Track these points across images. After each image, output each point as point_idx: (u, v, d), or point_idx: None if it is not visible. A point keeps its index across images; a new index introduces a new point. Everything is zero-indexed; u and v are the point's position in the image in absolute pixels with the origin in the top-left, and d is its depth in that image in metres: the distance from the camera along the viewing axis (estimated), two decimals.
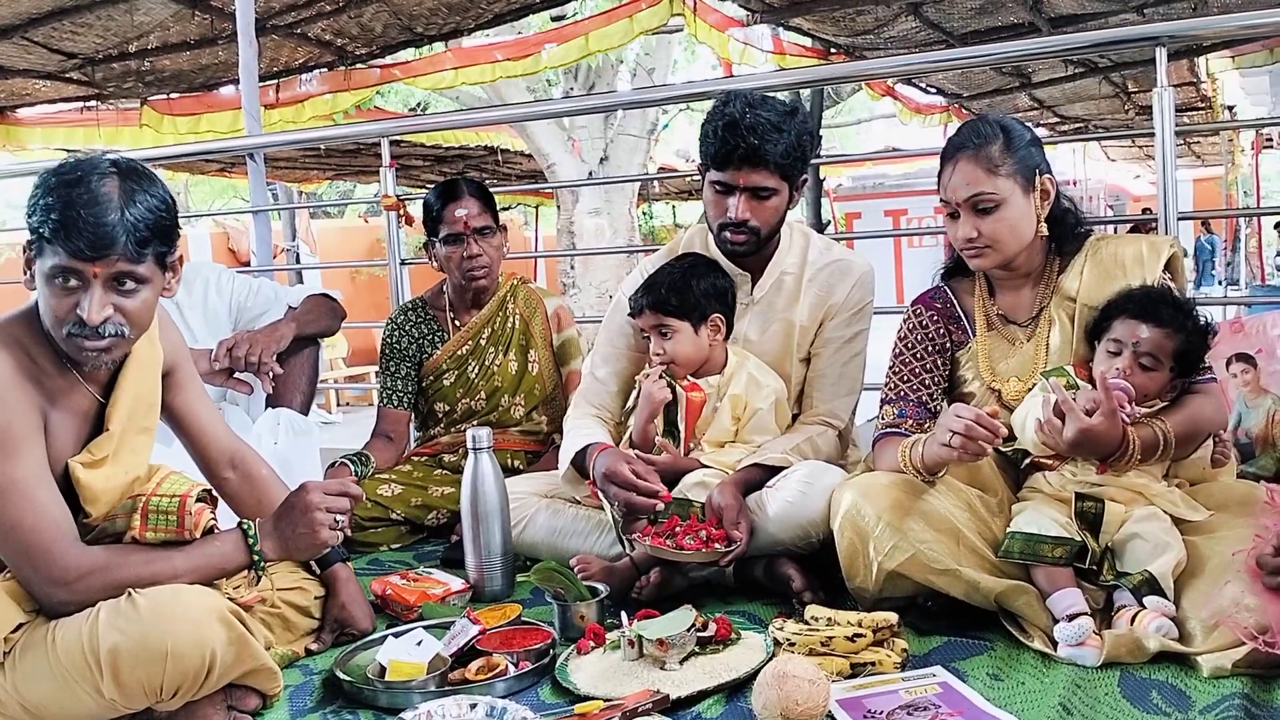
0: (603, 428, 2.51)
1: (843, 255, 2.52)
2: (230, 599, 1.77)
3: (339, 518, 1.86)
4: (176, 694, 1.65)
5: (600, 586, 2.13)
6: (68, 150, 7.23)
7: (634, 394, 2.51)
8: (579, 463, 2.40)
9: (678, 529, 2.16)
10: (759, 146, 2.27)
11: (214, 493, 1.87)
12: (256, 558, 1.82)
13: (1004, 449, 2.01)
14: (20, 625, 1.68)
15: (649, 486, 2.22)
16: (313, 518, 1.84)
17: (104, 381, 1.83)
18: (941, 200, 2.11)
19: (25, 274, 1.75)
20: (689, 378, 2.44)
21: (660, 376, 2.41)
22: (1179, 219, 2.82)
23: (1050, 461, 2.02)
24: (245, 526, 1.84)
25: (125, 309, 1.71)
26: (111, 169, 1.69)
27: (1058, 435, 1.89)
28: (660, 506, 2.21)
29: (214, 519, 1.84)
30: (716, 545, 2.12)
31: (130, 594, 1.64)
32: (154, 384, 1.93)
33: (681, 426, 2.43)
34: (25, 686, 1.63)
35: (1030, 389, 2.08)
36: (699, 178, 2.45)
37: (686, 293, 2.39)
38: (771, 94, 2.42)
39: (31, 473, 1.68)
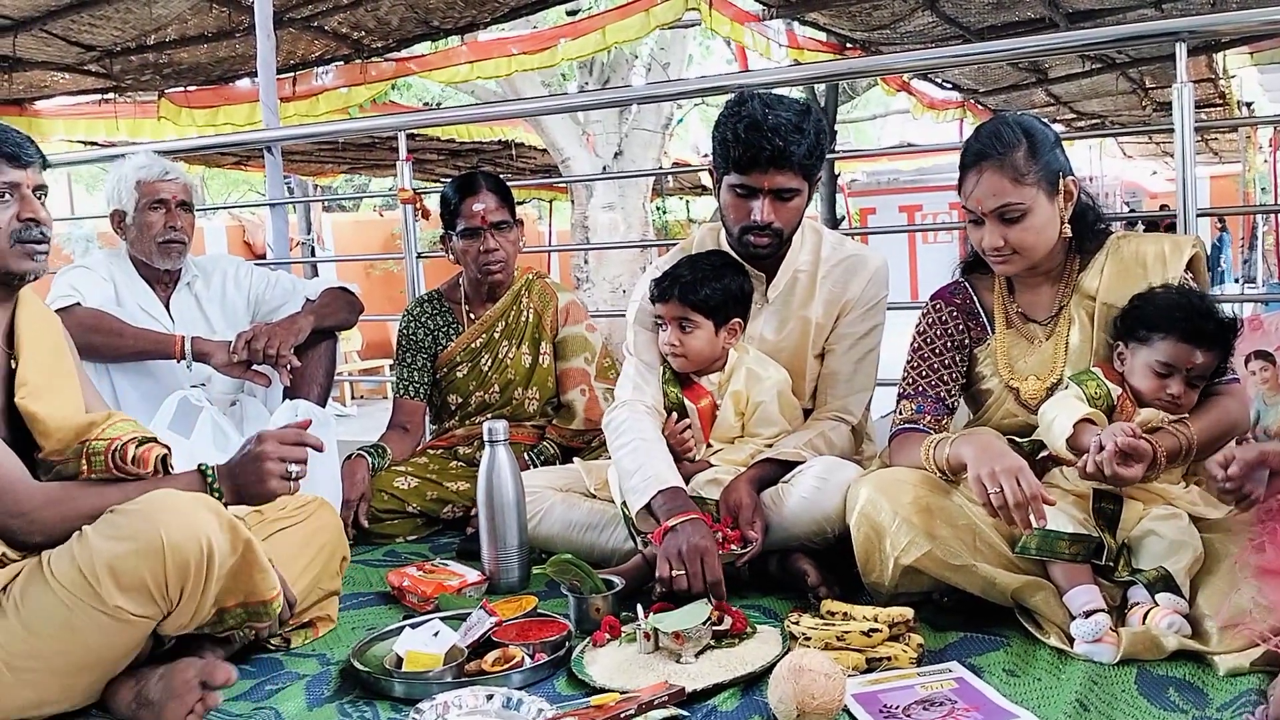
0: (668, 455, 2.35)
1: (856, 251, 2.51)
2: None
3: (292, 468, 1.87)
4: (182, 594, 1.67)
5: (616, 579, 2.14)
6: (89, 141, 7.28)
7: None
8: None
9: None
10: (784, 148, 2.22)
11: (160, 440, 1.89)
12: (217, 494, 1.83)
13: (1021, 441, 2.01)
14: (7, 564, 1.72)
15: (721, 592, 2.06)
16: (263, 467, 1.84)
17: (5, 332, 1.90)
18: (965, 207, 2.10)
19: None
20: (693, 378, 2.44)
21: (686, 430, 2.37)
22: (1198, 216, 2.81)
23: (1069, 456, 2.01)
24: (204, 468, 1.86)
25: (46, 219, 1.90)
26: None
27: (1100, 476, 1.88)
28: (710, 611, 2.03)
29: (166, 453, 1.86)
30: (733, 546, 2.12)
31: (113, 510, 1.69)
32: (55, 331, 1.99)
33: (699, 434, 2.42)
34: (32, 624, 1.66)
35: (1049, 388, 2.07)
36: (711, 177, 2.42)
37: (717, 292, 2.36)
38: (784, 92, 2.40)
39: None
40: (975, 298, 2.23)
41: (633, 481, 2.27)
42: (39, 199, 1.90)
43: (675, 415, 2.39)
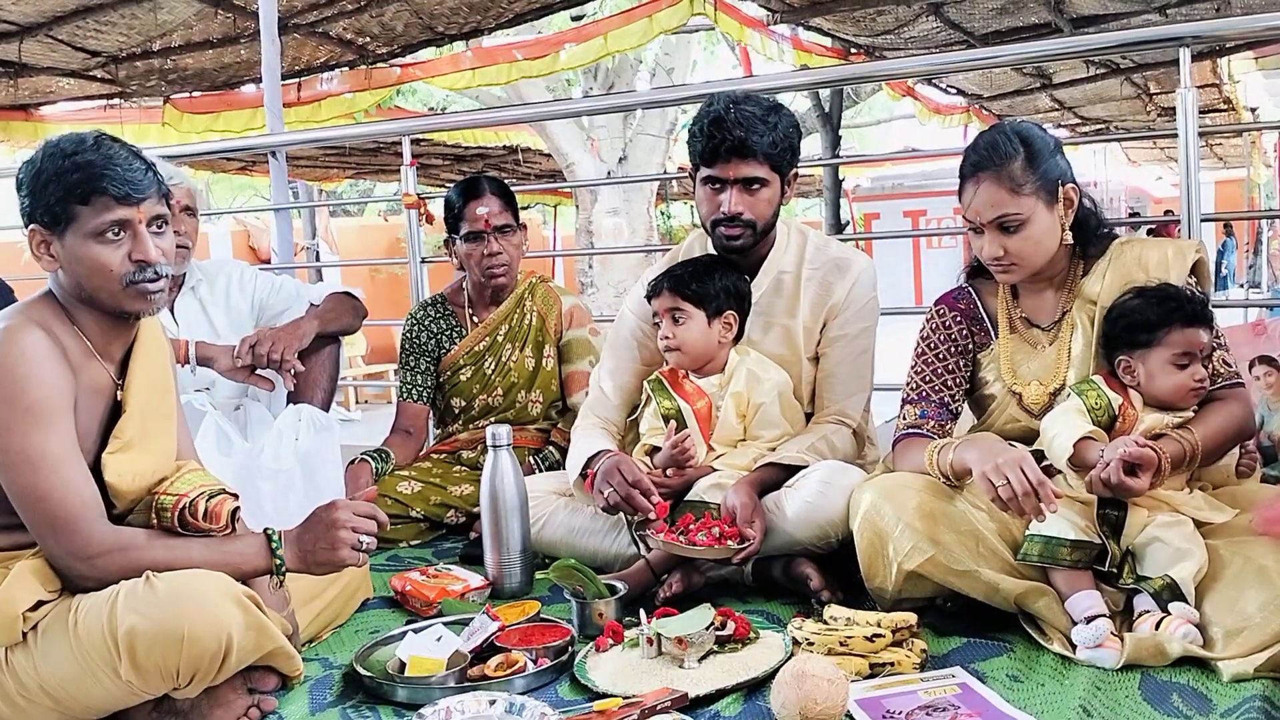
0: (609, 439, 2.51)
1: (840, 253, 2.52)
2: None
3: (363, 539, 1.87)
4: (193, 679, 1.66)
5: (619, 584, 2.14)
6: None
7: (640, 407, 2.54)
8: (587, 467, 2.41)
9: (691, 526, 2.16)
10: (745, 138, 2.29)
11: (229, 489, 1.88)
12: (279, 562, 1.83)
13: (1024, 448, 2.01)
14: (41, 603, 1.69)
15: (647, 487, 2.23)
16: (336, 535, 1.85)
17: (119, 360, 1.88)
18: (964, 216, 2.10)
19: (43, 258, 1.80)
20: (691, 378, 2.45)
21: (687, 439, 2.36)
22: (1202, 221, 2.80)
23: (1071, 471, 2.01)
24: (270, 532, 1.85)
25: (163, 249, 1.82)
26: (98, 135, 1.80)
27: (1107, 489, 1.88)
28: (653, 513, 2.21)
29: (237, 507, 1.84)
30: (729, 542, 2.12)
31: (148, 577, 1.66)
32: (165, 366, 1.96)
33: (698, 436, 2.42)
34: (46, 667, 1.66)
35: (1052, 393, 2.08)
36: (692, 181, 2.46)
37: (707, 282, 2.40)
38: (759, 93, 2.45)
39: (63, 447, 1.72)
40: (979, 303, 2.23)
41: (575, 466, 2.45)
42: (157, 229, 1.81)
43: (675, 425, 2.40)
